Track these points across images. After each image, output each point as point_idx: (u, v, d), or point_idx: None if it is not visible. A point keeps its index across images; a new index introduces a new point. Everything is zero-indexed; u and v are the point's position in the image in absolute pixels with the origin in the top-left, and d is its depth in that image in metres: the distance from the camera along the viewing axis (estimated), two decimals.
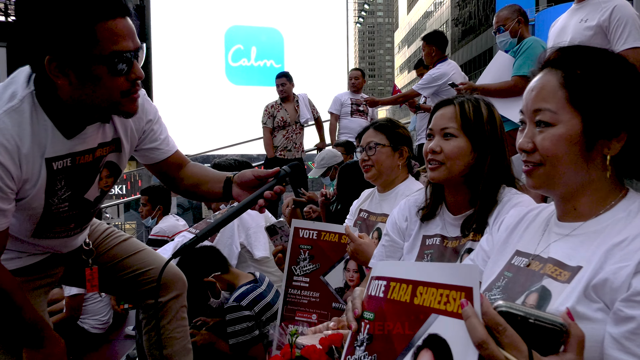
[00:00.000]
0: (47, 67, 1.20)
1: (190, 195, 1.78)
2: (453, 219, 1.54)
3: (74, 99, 1.28)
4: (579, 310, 0.88)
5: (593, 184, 0.98)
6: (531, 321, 0.71)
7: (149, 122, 1.58)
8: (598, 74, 0.95)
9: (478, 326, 0.70)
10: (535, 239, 1.08)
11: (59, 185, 1.41)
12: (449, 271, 0.79)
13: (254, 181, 1.52)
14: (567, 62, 0.98)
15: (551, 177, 0.98)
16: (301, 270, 1.98)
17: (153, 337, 1.88)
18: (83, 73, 1.22)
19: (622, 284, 0.84)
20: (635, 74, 0.96)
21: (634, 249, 0.87)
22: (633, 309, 0.82)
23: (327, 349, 0.98)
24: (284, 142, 5.54)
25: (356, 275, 1.87)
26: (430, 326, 0.78)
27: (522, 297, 0.99)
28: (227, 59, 11.07)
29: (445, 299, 0.76)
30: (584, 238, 0.97)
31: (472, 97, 1.53)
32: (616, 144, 0.95)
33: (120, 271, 1.81)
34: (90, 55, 1.19)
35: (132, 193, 10.21)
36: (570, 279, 0.92)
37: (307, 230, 1.98)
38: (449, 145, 1.47)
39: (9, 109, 1.26)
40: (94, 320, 3.62)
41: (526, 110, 1.01)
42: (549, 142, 0.96)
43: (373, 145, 2.10)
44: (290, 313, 1.97)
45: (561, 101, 0.95)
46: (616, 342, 0.82)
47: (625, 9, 2.86)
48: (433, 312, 0.78)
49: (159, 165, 1.67)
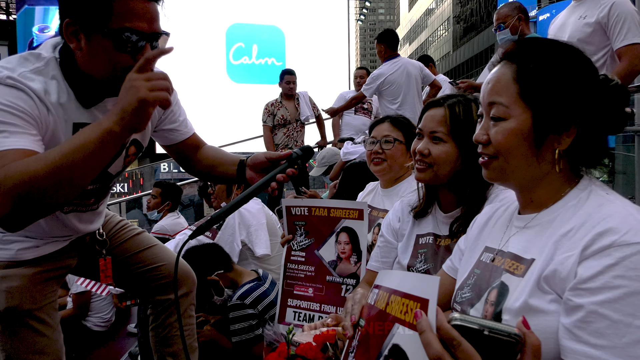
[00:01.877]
0: (64, 29, 1.25)
1: (204, 176, 1.81)
2: (444, 217, 1.56)
3: (85, 69, 1.31)
4: (532, 303, 0.88)
5: (547, 176, 0.98)
6: (486, 333, 0.71)
7: None
8: (550, 69, 0.94)
9: (433, 341, 0.70)
10: (500, 233, 1.08)
11: None
12: (411, 281, 0.79)
13: (266, 163, 1.54)
14: (522, 55, 0.98)
15: (504, 170, 0.99)
16: (298, 245, 2.01)
17: (160, 334, 1.88)
18: (91, 41, 1.25)
19: (569, 273, 0.85)
20: (589, 69, 0.96)
21: (579, 237, 0.87)
22: (581, 297, 0.82)
23: (321, 345, 0.99)
24: (284, 139, 5.56)
25: (348, 247, 1.88)
26: (393, 336, 0.79)
27: (485, 295, 1.00)
28: (229, 57, 11.07)
29: (406, 308, 0.77)
30: (538, 229, 0.97)
31: (463, 98, 1.52)
32: (566, 139, 0.95)
33: (132, 265, 1.82)
34: (102, 26, 1.22)
35: (134, 191, 10.24)
36: (525, 272, 0.93)
37: (298, 207, 2.00)
38: (437, 149, 1.48)
39: (35, 69, 1.29)
40: (96, 318, 3.64)
41: (482, 102, 1.02)
42: (501, 135, 0.96)
43: (391, 140, 2.08)
44: (289, 287, 2.00)
45: (513, 95, 0.96)
46: (568, 332, 0.83)
47: (624, 5, 2.85)
48: (396, 322, 0.79)
49: (177, 146, 1.70)
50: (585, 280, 0.82)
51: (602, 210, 0.89)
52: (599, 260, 0.82)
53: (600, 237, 0.84)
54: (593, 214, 0.89)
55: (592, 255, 0.83)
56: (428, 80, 5.03)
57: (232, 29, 11.05)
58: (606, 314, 0.79)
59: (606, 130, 0.97)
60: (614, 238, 0.83)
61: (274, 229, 3.09)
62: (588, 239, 0.85)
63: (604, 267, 0.81)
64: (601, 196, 0.93)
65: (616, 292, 0.79)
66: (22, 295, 1.51)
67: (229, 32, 11.02)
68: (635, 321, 0.78)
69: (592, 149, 0.97)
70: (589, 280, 0.82)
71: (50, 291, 1.61)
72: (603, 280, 0.81)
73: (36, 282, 1.54)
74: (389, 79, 4.80)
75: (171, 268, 1.85)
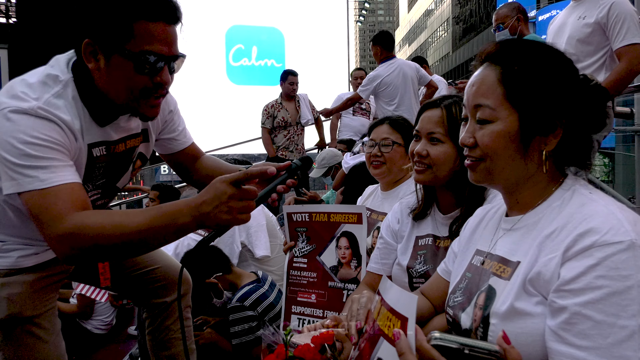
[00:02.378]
0: (83, 49, 1.25)
1: (203, 186, 1.81)
2: (443, 219, 1.56)
3: (102, 87, 1.31)
4: (518, 306, 0.88)
5: (533, 177, 0.98)
6: (466, 352, 0.71)
7: (170, 112, 1.63)
8: (535, 71, 0.94)
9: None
10: (489, 236, 1.08)
11: (97, 173, 1.44)
12: (395, 295, 0.78)
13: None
14: (506, 57, 0.97)
15: (491, 172, 0.99)
16: (300, 251, 2.01)
17: (157, 337, 1.88)
18: (111, 62, 1.26)
19: (553, 275, 0.85)
20: (571, 70, 0.96)
21: (562, 238, 0.87)
22: (564, 299, 0.82)
23: (319, 347, 0.99)
24: (285, 142, 5.54)
25: (348, 252, 1.88)
26: (378, 350, 0.78)
27: (474, 298, 1.00)
28: (228, 59, 11.07)
29: (389, 322, 0.76)
30: (524, 231, 0.97)
31: (459, 98, 1.51)
32: (553, 139, 0.95)
33: (127, 268, 1.82)
34: (123, 47, 1.24)
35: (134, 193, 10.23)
36: (511, 275, 0.93)
37: (299, 213, 2.01)
38: (435, 150, 1.48)
39: (56, 93, 1.29)
40: (97, 321, 3.64)
41: (467, 105, 1.01)
42: (488, 138, 0.96)
43: (390, 143, 2.06)
44: (292, 294, 2.00)
45: (499, 98, 0.95)
46: (554, 334, 0.82)
47: (624, 5, 2.85)
48: (381, 335, 0.78)
49: (176, 155, 1.72)
50: (568, 281, 0.82)
51: (583, 210, 0.89)
52: (580, 261, 0.82)
53: (581, 238, 0.84)
54: (575, 214, 0.89)
55: (574, 256, 0.84)
56: (424, 81, 5.02)
57: (232, 30, 11.05)
58: (590, 314, 0.79)
59: (590, 130, 0.97)
60: (594, 238, 0.83)
61: (273, 230, 3.08)
62: (570, 240, 0.85)
63: (585, 267, 0.81)
64: (584, 195, 0.93)
65: (598, 292, 0.79)
66: (23, 303, 1.50)
67: (229, 34, 11.03)
68: (618, 321, 0.77)
69: (578, 148, 0.97)
70: (572, 281, 0.82)
71: (50, 297, 1.60)
72: (585, 281, 0.81)
73: (37, 289, 1.54)
74: (386, 81, 4.80)
75: (166, 270, 1.85)
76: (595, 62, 2.96)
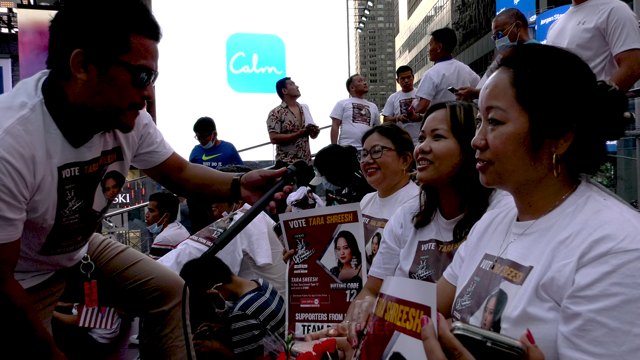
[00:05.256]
0: (72, 59, 1.24)
1: (198, 196, 1.81)
2: (446, 224, 1.55)
3: (82, 101, 1.30)
4: (530, 311, 0.88)
5: (544, 180, 0.98)
6: (488, 345, 0.70)
7: (145, 126, 1.62)
8: (547, 74, 0.95)
9: (436, 349, 0.69)
10: (499, 240, 1.08)
11: (69, 195, 1.42)
12: (409, 287, 0.77)
13: (261, 181, 1.56)
14: (519, 60, 0.99)
15: (501, 175, 0.99)
16: (300, 258, 2.01)
17: (156, 346, 1.87)
18: (105, 72, 1.27)
19: (567, 281, 0.85)
20: (586, 75, 0.97)
21: (577, 244, 0.87)
22: (578, 305, 0.81)
23: (321, 355, 0.98)
24: (294, 149, 5.51)
25: (347, 251, 1.89)
26: (394, 344, 0.77)
27: (484, 302, 0.99)
28: (229, 67, 11.11)
29: (405, 316, 0.75)
30: (536, 236, 0.97)
31: (465, 102, 1.55)
32: (563, 143, 0.95)
33: (121, 283, 1.81)
34: (118, 59, 1.25)
35: (135, 201, 10.24)
36: (523, 280, 0.93)
37: (296, 220, 2.02)
38: (438, 145, 1.50)
39: (21, 118, 1.27)
40: (103, 331, 3.63)
41: (481, 107, 1.02)
42: (499, 140, 0.97)
43: (379, 149, 2.12)
44: (295, 302, 2.00)
45: (511, 99, 0.96)
46: (567, 340, 0.82)
47: (623, 11, 2.85)
48: (396, 329, 0.77)
49: (159, 168, 1.70)
50: (583, 287, 0.82)
51: (599, 216, 0.89)
52: (596, 267, 0.82)
53: (597, 244, 0.83)
54: (590, 220, 0.89)
55: (590, 263, 0.83)
56: (475, 85, 4.80)
57: (233, 38, 11.10)
58: (604, 322, 0.79)
59: (604, 136, 0.97)
60: (610, 245, 0.82)
61: (275, 238, 3.08)
62: (585, 246, 0.85)
63: (601, 274, 0.81)
64: (598, 202, 0.93)
65: (614, 299, 0.79)
66: None
67: (230, 42, 11.07)
68: (633, 329, 0.77)
69: (590, 154, 0.97)
70: (587, 287, 0.81)
71: (43, 320, 1.59)
72: (600, 287, 0.80)
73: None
74: (447, 78, 4.58)
75: (160, 280, 1.84)
76: (594, 68, 2.96)
